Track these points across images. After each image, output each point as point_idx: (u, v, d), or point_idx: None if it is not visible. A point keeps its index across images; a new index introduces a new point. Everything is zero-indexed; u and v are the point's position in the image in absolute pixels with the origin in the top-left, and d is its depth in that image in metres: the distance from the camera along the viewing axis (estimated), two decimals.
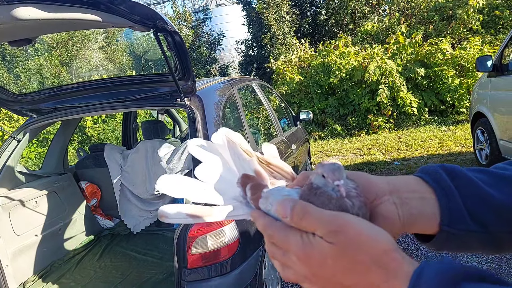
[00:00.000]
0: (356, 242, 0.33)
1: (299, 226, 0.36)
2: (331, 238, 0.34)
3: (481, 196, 0.40)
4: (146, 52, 14.87)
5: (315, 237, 0.35)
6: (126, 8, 1.46)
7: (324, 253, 0.34)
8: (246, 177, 0.42)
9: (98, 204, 3.19)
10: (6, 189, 2.39)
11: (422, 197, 0.41)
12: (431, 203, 0.40)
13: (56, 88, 2.40)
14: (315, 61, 8.51)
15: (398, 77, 7.22)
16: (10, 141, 2.38)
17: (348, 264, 0.33)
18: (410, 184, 0.42)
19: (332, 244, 0.34)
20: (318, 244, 0.34)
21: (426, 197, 0.41)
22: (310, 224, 0.35)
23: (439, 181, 0.41)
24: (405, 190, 0.41)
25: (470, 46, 7.30)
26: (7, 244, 2.24)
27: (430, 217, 0.40)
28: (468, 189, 0.40)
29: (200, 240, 1.84)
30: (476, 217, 0.40)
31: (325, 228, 0.34)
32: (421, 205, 0.40)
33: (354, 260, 0.33)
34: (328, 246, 0.34)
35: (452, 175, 0.41)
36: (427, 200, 0.40)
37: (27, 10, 1.23)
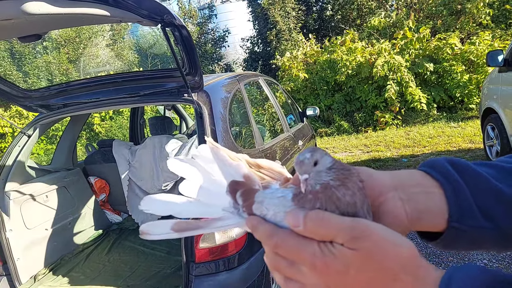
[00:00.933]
0: (382, 248, 0.31)
1: (314, 235, 0.32)
2: (354, 245, 0.31)
3: (491, 191, 0.38)
4: (152, 49, 14.92)
5: (334, 245, 0.32)
6: (134, 2, 1.47)
7: (346, 261, 0.31)
8: (235, 183, 0.39)
9: (107, 199, 3.23)
10: (17, 183, 2.43)
11: (428, 192, 0.38)
12: (438, 198, 0.38)
13: (65, 84, 2.43)
14: (321, 57, 8.47)
15: (407, 73, 7.15)
16: (20, 136, 2.42)
17: (373, 273, 0.31)
18: (416, 179, 0.39)
19: (355, 251, 0.31)
20: (339, 252, 0.31)
21: (432, 192, 0.38)
22: (328, 231, 0.32)
23: (446, 176, 0.39)
24: (411, 185, 0.39)
25: (479, 41, 7.19)
26: (19, 238, 2.28)
27: (437, 213, 0.38)
28: (477, 183, 0.38)
29: (208, 235, 1.85)
30: (487, 212, 0.38)
31: (346, 235, 0.31)
32: (428, 200, 0.38)
33: (380, 267, 0.31)
34: (351, 253, 0.31)
35: (459, 169, 0.39)
36: (434, 195, 0.38)
37: (37, 4, 1.24)
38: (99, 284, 2.24)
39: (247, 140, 2.62)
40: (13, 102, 2.42)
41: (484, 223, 0.38)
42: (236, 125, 2.71)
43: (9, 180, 2.34)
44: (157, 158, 2.83)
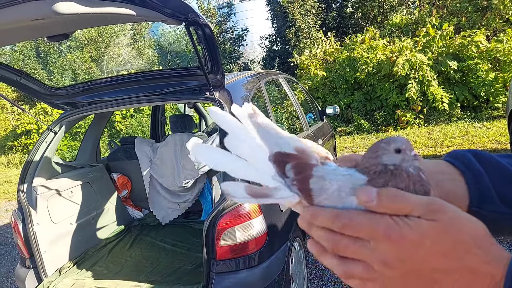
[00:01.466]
0: (459, 222, 0.32)
1: (388, 210, 0.32)
2: (432, 216, 0.32)
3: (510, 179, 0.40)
4: (172, 48, 15.10)
5: (410, 217, 0.32)
6: (160, 1, 1.48)
7: (423, 232, 0.31)
8: (282, 155, 0.36)
9: (129, 195, 3.29)
10: (44, 178, 2.50)
11: (453, 179, 0.41)
12: (461, 185, 0.41)
13: (90, 82, 2.49)
14: (340, 55, 8.35)
15: (429, 71, 6.96)
16: (47, 133, 2.49)
17: (448, 244, 0.31)
18: (441, 167, 0.42)
19: (433, 222, 0.32)
20: (416, 223, 0.32)
21: (456, 179, 0.41)
22: (405, 206, 0.32)
23: (467, 164, 0.42)
24: (437, 172, 0.41)
25: (507, 38, 6.92)
26: (45, 231, 2.35)
27: (460, 199, 0.40)
28: (497, 172, 0.41)
29: (229, 233, 1.86)
30: (506, 199, 0.40)
31: (423, 208, 0.32)
32: (453, 186, 0.41)
33: (456, 239, 0.31)
34: (428, 224, 0.32)
35: (480, 159, 0.42)
36: (457, 182, 0.41)
37: (67, 4, 1.27)
38: (122, 278, 2.28)
39: None
40: (40, 100, 2.49)
41: (504, 208, 0.40)
42: None
43: (36, 176, 2.42)
44: (178, 156, 2.86)
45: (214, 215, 1.84)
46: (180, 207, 3.00)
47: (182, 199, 2.96)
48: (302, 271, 2.44)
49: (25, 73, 2.24)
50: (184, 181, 2.82)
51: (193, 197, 2.95)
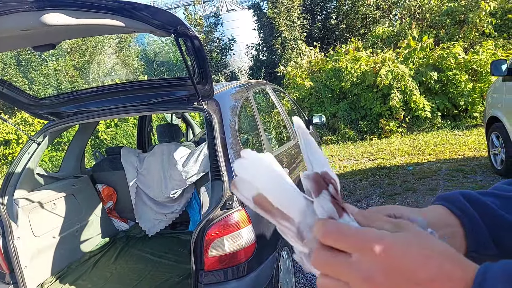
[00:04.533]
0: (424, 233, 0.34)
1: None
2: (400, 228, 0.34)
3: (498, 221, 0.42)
4: (158, 57, 15.04)
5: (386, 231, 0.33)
6: (149, 14, 1.49)
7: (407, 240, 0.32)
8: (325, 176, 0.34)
9: (114, 206, 3.23)
10: (26, 191, 2.44)
11: (454, 232, 0.42)
12: (460, 235, 0.42)
13: (76, 92, 2.45)
14: (326, 65, 8.51)
15: (411, 81, 7.17)
16: (30, 144, 2.44)
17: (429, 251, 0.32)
18: (442, 218, 0.43)
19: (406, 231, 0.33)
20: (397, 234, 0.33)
21: (456, 231, 0.42)
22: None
23: (463, 210, 0.42)
24: (440, 226, 0.42)
25: (483, 50, 7.21)
26: (27, 245, 2.28)
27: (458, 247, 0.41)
28: (487, 215, 0.42)
29: (217, 243, 1.85)
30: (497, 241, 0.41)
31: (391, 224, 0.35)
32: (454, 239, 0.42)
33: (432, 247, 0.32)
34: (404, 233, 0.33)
35: (470, 201, 0.43)
36: (457, 233, 0.42)
37: (56, 16, 1.27)
38: None
39: (255, 147, 2.62)
40: (23, 110, 2.44)
41: (496, 251, 0.41)
42: (244, 132, 2.72)
43: (18, 188, 2.35)
44: (166, 166, 2.83)
45: (203, 225, 1.83)
46: (167, 218, 2.96)
47: (169, 210, 2.92)
48: (291, 280, 2.44)
49: (7, 82, 2.20)
50: (171, 192, 2.79)
51: (180, 207, 2.92)
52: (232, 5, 19.81)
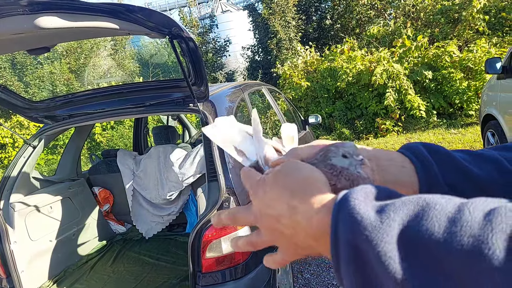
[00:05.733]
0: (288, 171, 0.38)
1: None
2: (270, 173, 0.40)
3: (460, 170, 0.42)
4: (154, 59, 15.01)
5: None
6: (143, 16, 1.49)
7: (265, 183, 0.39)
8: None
9: (111, 209, 3.22)
10: (22, 195, 2.43)
11: (401, 166, 0.43)
12: (409, 173, 0.42)
13: (71, 95, 2.45)
14: (321, 65, 8.53)
15: (405, 80, 7.20)
16: (25, 147, 2.42)
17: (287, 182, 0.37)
18: (390, 155, 0.44)
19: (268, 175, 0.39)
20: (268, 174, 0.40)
21: (405, 166, 0.43)
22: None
23: (417, 155, 0.43)
24: (384, 159, 0.43)
25: (477, 48, 7.26)
26: (23, 250, 2.27)
27: (407, 185, 0.42)
28: (447, 163, 0.43)
29: (214, 244, 1.85)
30: (455, 188, 0.41)
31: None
32: (398, 173, 0.42)
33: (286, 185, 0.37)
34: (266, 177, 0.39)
35: (432, 150, 0.44)
36: (406, 169, 0.43)
37: (50, 19, 1.26)
38: None
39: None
40: (18, 113, 2.43)
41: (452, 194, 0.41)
42: None
43: (14, 192, 2.34)
44: (162, 168, 2.83)
45: (200, 227, 1.83)
46: (164, 220, 2.96)
47: (166, 212, 2.92)
48: (289, 280, 2.45)
49: (2, 86, 2.19)
50: (168, 194, 2.79)
51: (177, 209, 2.91)
52: (227, 6, 19.82)
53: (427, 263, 0.26)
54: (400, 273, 0.26)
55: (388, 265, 0.27)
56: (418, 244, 0.26)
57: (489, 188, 0.41)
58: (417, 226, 0.27)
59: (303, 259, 3.12)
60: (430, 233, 0.26)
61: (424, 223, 0.27)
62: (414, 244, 0.27)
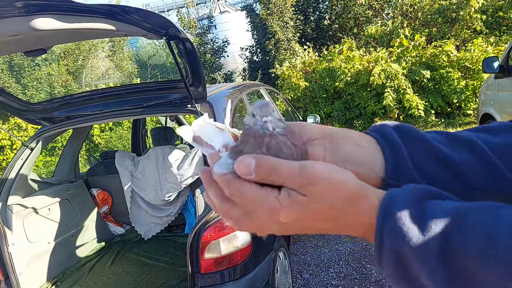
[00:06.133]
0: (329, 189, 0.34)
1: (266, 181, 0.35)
2: (304, 190, 0.34)
3: (431, 152, 0.40)
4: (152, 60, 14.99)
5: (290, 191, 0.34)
6: (140, 17, 1.49)
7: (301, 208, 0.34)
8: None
9: (109, 211, 3.22)
10: (20, 197, 2.42)
11: (359, 145, 0.40)
12: (367, 152, 0.40)
13: (68, 96, 2.44)
14: (319, 65, 8.54)
15: (404, 80, 7.21)
16: (23, 149, 2.42)
17: (324, 213, 0.34)
18: (350, 134, 0.41)
19: (307, 196, 0.34)
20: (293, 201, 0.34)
21: (365, 146, 0.40)
22: (279, 178, 0.34)
23: (384, 135, 0.41)
24: (340, 137, 0.40)
25: (474, 47, 7.28)
26: (21, 252, 2.26)
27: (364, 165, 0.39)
28: (417, 145, 0.40)
29: (213, 245, 1.85)
30: (424, 171, 0.40)
31: (295, 182, 0.34)
32: (353, 151, 0.40)
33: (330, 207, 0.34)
34: (303, 199, 0.34)
35: (402, 132, 0.41)
36: (363, 149, 0.40)
37: (45, 20, 1.26)
38: None
39: None
40: (16, 115, 2.42)
41: (421, 181, 0.39)
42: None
43: (11, 194, 2.34)
44: (160, 169, 2.83)
45: (198, 228, 1.83)
46: (163, 221, 2.95)
47: (164, 213, 2.92)
48: (288, 280, 2.44)
49: None
50: (166, 195, 2.79)
51: (176, 210, 2.91)
52: (225, 7, 19.82)
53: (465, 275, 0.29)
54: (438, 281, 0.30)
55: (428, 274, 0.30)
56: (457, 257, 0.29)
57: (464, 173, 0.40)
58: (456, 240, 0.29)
59: (302, 259, 3.12)
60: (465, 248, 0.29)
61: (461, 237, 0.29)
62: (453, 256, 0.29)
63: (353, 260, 2.98)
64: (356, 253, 3.08)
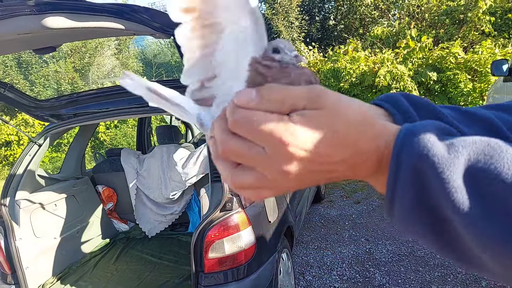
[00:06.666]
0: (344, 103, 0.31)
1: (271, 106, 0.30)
2: (316, 104, 0.30)
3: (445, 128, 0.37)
4: (157, 58, 15.05)
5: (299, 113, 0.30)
6: (149, 16, 1.50)
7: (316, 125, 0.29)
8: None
9: (114, 207, 3.24)
10: (27, 192, 2.45)
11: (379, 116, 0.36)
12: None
13: (76, 94, 2.47)
14: (324, 66, 8.52)
15: (410, 82, 7.18)
16: (31, 145, 2.45)
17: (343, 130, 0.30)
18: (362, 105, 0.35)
19: (321, 109, 0.30)
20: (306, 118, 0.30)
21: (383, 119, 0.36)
22: (286, 98, 0.30)
23: (399, 107, 0.36)
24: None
25: (482, 49, 7.22)
26: (28, 246, 2.29)
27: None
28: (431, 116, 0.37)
29: (217, 245, 1.86)
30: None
31: (305, 97, 0.30)
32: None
33: (347, 123, 0.30)
34: (317, 113, 0.30)
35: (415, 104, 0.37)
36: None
37: (56, 19, 1.28)
38: None
39: None
40: (25, 112, 2.45)
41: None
42: None
43: (19, 189, 2.37)
44: (165, 167, 2.84)
45: (203, 227, 1.84)
46: (167, 219, 2.97)
47: (169, 211, 2.93)
48: (290, 282, 2.45)
49: (9, 85, 2.21)
50: (171, 193, 2.80)
51: (180, 209, 2.93)
52: None
53: (491, 199, 0.26)
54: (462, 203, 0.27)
55: (450, 194, 0.27)
56: (485, 180, 0.27)
57: None
58: (486, 164, 0.27)
59: (305, 260, 3.12)
60: (498, 172, 0.26)
61: (494, 162, 0.27)
62: (480, 179, 0.27)
63: (356, 263, 2.98)
64: (360, 256, 3.07)
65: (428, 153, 0.28)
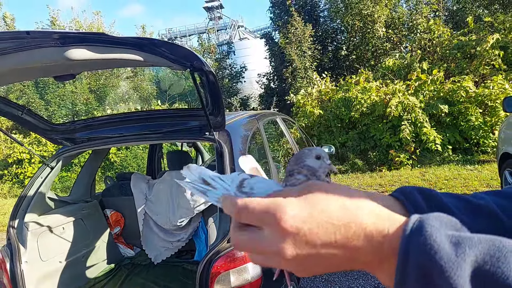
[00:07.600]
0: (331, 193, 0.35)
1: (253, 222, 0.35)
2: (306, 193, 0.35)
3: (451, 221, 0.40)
4: (172, 88, 15.39)
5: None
6: (167, 49, 1.55)
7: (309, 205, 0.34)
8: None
9: (121, 232, 3.22)
10: (36, 214, 2.46)
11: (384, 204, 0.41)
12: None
13: (91, 119, 2.52)
14: (336, 95, 8.59)
15: (421, 113, 7.17)
16: (44, 168, 2.48)
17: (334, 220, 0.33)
18: (386, 200, 0.41)
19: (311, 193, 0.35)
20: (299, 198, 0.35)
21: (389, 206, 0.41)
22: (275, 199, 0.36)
23: (414, 203, 0.41)
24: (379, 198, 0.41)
25: (493, 84, 7.22)
26: (33, 270, 2.27)
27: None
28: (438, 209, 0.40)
29: (223, 276, 1.82)
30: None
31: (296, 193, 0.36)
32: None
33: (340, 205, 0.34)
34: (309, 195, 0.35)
35: (427, 198, 0.42)
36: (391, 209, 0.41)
37: (79, 51, 1.33)
38: None
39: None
40: (40, 135, 2.50)
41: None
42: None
43: (28, 211, 2.38)
44: (174, 193, 2.84)
45: (209, 257, 1.81)
46: (174, 246, 2.93)
47: (176, 238, 2.90)
48: None
49: (27, 108, 2.27)
50: (179, 220, 2.78)
51: (187, 236, 2.89)
52: (245, 34, 20.42)
53: None
54: None
55: None
56: (492, 284, 0.27)
57: None
58: (494, 267, 0.28)
59: None
60: (505, 276, 0.27)
61: (500, 265, 0.27)
62: (487, 283, 0.27)
63: None
64: None
65: (435, 255, 0.29)
